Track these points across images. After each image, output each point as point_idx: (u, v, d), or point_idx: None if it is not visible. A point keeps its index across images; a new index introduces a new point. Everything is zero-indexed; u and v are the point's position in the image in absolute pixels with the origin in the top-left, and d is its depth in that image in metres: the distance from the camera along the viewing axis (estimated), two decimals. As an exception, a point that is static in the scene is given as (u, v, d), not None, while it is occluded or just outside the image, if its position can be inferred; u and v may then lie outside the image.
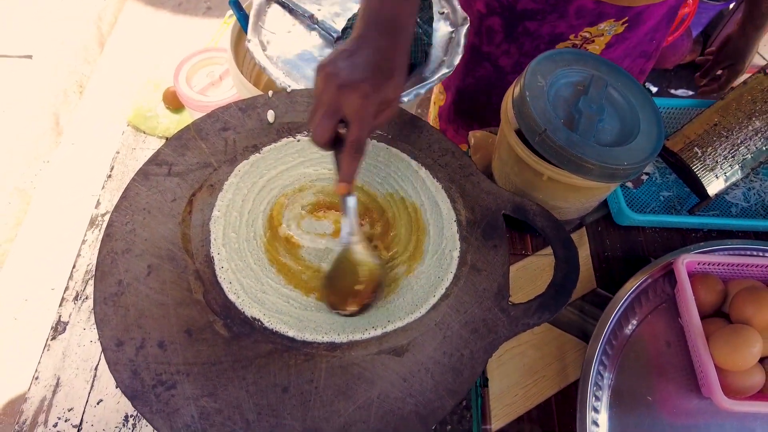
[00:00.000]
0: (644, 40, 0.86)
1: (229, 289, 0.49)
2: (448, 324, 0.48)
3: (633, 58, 0.89)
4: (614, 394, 0.62)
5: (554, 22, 0.79)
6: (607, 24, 0.78)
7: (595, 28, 0.79)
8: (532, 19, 0.80)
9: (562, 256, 0.50)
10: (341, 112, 0.45)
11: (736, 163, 0.74)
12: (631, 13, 0.77)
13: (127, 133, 1.71)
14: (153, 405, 0.43)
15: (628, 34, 0.81)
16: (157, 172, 0.55)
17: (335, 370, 0.45)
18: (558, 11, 0.77)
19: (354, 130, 0.45)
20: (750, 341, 0.58)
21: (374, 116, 0.46)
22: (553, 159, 0.56)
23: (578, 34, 0.80)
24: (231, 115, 0.59)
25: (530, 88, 0.58)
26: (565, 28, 0.80)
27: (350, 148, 0.45)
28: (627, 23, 0.79)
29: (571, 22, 0.79)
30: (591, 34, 0.80)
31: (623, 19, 0.78)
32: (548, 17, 0.79)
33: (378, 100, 0.45)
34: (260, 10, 0.74)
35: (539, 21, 0.80)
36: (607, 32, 0.80)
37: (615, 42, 0.82)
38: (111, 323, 0.46)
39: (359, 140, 0.45)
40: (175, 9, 2.17)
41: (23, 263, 1.52)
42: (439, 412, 0.44)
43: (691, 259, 0.65)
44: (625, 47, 0.84)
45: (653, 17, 0.80)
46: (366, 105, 0.44)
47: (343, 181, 0.47)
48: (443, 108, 1.07)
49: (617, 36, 0.81)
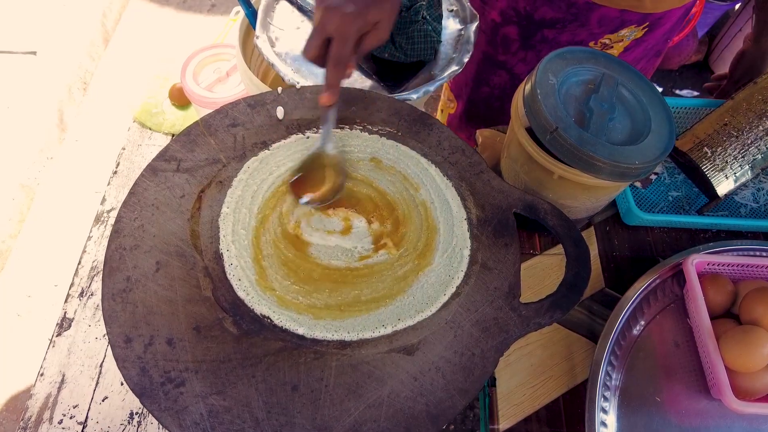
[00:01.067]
0: (660, 41, 0.85)
1: (239, 287, 0.49)
2: (458, 323, 0.48)
3: (648, 58, 0.89)
4: (623, 394, 0.62)
5: (574, 30, 0.78)
6: (628, 30, 0.78)
7: (615, 34, 0.78)
8: (551, 28, 0.79)
9: (573, 255, 0.50)
10: (326, 30, 0.50)
11: (746, 164, 0.73)
12: (652, 19, 0.76)
13: (133, 129, 1.71)
14: (162, 403, 0.43)
15: (647, 37, 0.80)
16: (166, 168, 0.55)
17: (345, 368, 0.45)
18: (579, 20, 0.77)
19: (335, 46, 0.51)
20: (761, 342, 0.57)
21: (355, 35, 0.51)
22: (564, 157, 0.55)
23: (598, 41, 0.80)
24: (240, 111, 0.59)
25: (541, 85, 0.57)
26: (586, 36, 0.79)
27: (330, 61, 0.51)
28: (647, 28, 0.78)
29: (592, 30, 0.78)
30: (611, 41, 0.80)
31: (644, 24, 0.77)
32: (568, 26, 0.78)
33: (359, 22, 0.50)
34: (269, 7, 0.73)
35: (558, 29, 0.79)
36: (627, 38, 0.79)
37: (633, 45, 0.81)
38: (119, 320, 0.46)
39: (338, 54, 0.51)
40: (180, 6, 2.16)
41: (27, 260, 1.52)
42: (450, 412, 0.43)
43: (701, 259, 0.65)
44: (642, 49, 0.84)
45: (671, 20, 0.79)
46: (346, 24, 0.50)
47: (325, 90, 0.53)
48: (453, 116, 1.06)
49: (636, 40, 0.80)
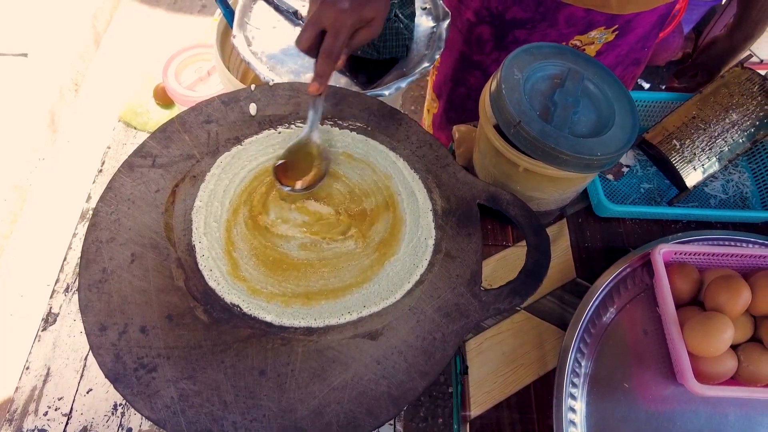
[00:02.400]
0: (636, 48, 0.86)
1: (210, 276, 0.50)
2: (421, 309, 0.49)
3: (625, 66, 0.89)
4: (592, 381, 0.64)
5: (544, 30, 0.79)
6: (598, 32, 0.78)
7: (585, 36, 0.79)
8: (522, 28, 0.80)
9: (533, 244, 0.52)
10: (321, 23, 0.53)
11: (713, 156, 0.75)
12: (621, 21, 0.77)
13: (118, 128, 1.74)
14: (134, 387, 0.45)
15: (619, 41, 0.81)
16: (142, 164, 0.57)
17: (311, 353, 0.47)
18: (548, 20, 0.78)
19: (329, 38, 0.53)
20: (721, 328, 0.59)
21: (349, 29, 0.53)
22: (528, 150, 0.57)
23: (569, 42, 0.81)
24: (214, 108, 0.61)
25: (506, 80, 0.59)
26: (556, 37, 0.80)
27: (323, 53, 0.53)
28: (617, 31, 0.79)
29: (561, 31, 0.79)
30: (582, 42, 0.81)
31: (613, 27, 0.78)
32: (538, 26, 0.79)
33: (354, 17, 0.53)
34: (246, 7, 0.75)
35: (529, 30, 0.80)
36: (598, 40, 0.80)
37: (606, 50, 0.82)
38: (95, 309, 0.48)
39: (332, 47, 0.53)
40: (171, 7, 2.18)
41: (19, 260, 1.54)
42: (411, 393, 0.45)
43: (668, 248, 0.67)
44: (616, 55, 0.84)
45: (643, 25, 0.80)
46: (341, 18, 0.52)
47: (314, 80, 0.55)
48: (436, 116, 1.08)
49: (608, 44, 0.81)
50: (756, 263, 0.67)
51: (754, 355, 0.61)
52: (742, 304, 0.61)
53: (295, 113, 0.62)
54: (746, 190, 0.80)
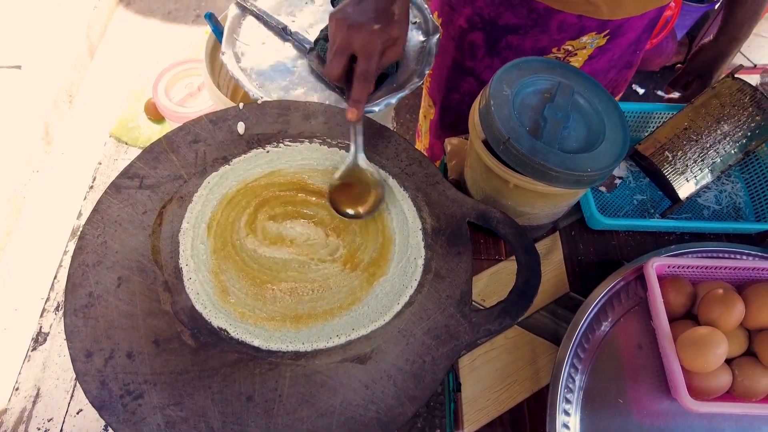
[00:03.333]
0: (628, 51, 0.86)
1: (197, 300, 0.50)
2: (411, 331, 0.49)
3: (618, 69, 0.89)
4: (586, 396, 0.63)
5: (537, 36, 0.79)
6: (589, 37, 0.79)
7: (577, 41, 0.79)
8: (515, 34, 0.81)
9: (523, 262, 0.51)
10: (351, 48, 0.53)
11: (706, 167, 0.75)
12: (612, 26, 0.77)
13: (109, 144, 1.74)
14: (120, 415, 0.44)
15: (610, 45, 0.81)
16: (129, 185, 0.56)
17: (299, 378, 0.46)
18: (540, 26, 0.78)
19: (362, 62, 0.54)
20: (715, 343, 0.59)
21: (380, 52, 0.54)
22: (517, 167, 0.57)
23: (561, 48, 0.81)
24: (202, 128, 0.60)
25: (495, 96, 0.59)
26: (548, 42, 0.80)
27: (359, 77, 0.54)
28: (608, 35, 0.79)
29: (553, 36, 0.79)
30: (573, 48, 0.81)
31: (604, 32, 0.78)
32: (530, 32, 0.79)
33: (384, 38, 0.53)
34: (235, 23, 0.75)
35: (521, 35, 0.80)
36: (590, 45, 0.80)
37: (597, 54, 0.82)
38: (81, 335, 0.47)
39: (367, 71, 0.54)
40: (165, 17, 2.18)
41: (13, 273, 1.53)
42: (401, 419, 0.44)
43: (661, 262, 0.66)
44: (608, 58, 0.85)
45: (634, 29, 0.80)
46: (372, 41, 0.53)
47: (352, 106, 0.54)
48: (433, 122, 1.08)
49: (599, 48, 0.81)
50: (750, 275, 0.67)
51: (748, 369, 0.61)
52: (736, 318, 0.61)
53: (284, 131, 0.61)
54: (739, 201, 0.80)
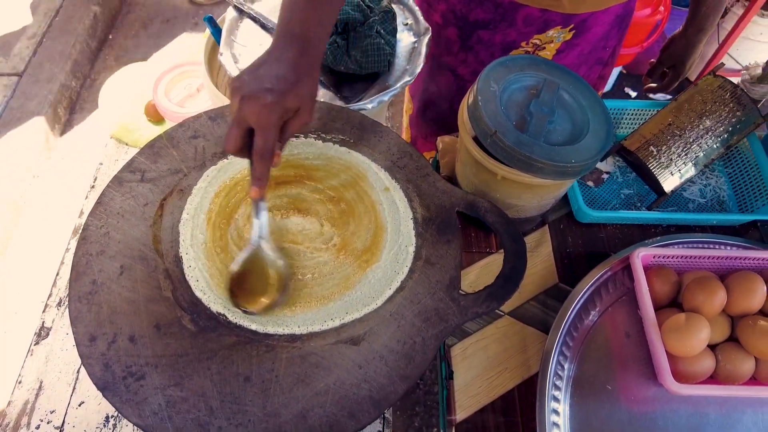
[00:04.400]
0: (597, 47, 0.90)
1: (196, 287, 0.52)
2: (402, 314, 0.51)
3: (590, 65, 0.93)
4: (575, 383, 0.65)
5: (505, 30, 0.83)
6: (555, 31, 0.83)
7: (543, 35, 0.83)
8: (485, 29, 0.84)
9: (510, 249, 0.54)
10: (246, 122, 0.48)
11: (689, 161, 0.77)
12: (577, 21, 0.81)
13: (110, 145, 1.77)
14: (123, 395, 0.46)
15: (577, 40, 0.85)
16: (131, 179, 0.59)
17: (294, 359, 0.48)
18: (507, 20, 0.82)
19: (258, 139, 0.48)
20: (698, 328, 0.61)
21: (277, 124, 0.48)
22: (504, 159, 0.59)
23: (529, 41, 0.85)
24: (201, 124, 0.62)
25: (483, 93, 0.61)
26: (516, 36, 0.84)
27: (256, 155, 0.48)
28: (574, 30, 0.83)
29: (520, 30, 0.83)
30: (541, 41, 0.84)
31: (569, 26, 0.82)
32: (499, 26, 0.83)
33: (280, 109, 0.48)
34: (233, 25, 0.78)
35: (491, 30, 0.84)
36: (556, 39, 0.84)
37: (565, 48, 0.86)
38: (84, 320, 0.49)
39: (263, 147, 0.48)
40: (164, 24, 2.21)
41: (13, 276, 1.55)
42: (392, 396, 0.46)
43: (647, 252, 0.68)
44: (577, 54, 0.88)
45: (600, 24, 0.84)
46: (265, 113, 0.47)
47: (255, 184, 0.50)
48: (412, 116, 1.11)
49: (566, 42, 0.85)
50: (732, 264, 0.69)
51: (731, 354, 0.62)
52: (718, 305, 0.63)
53: (280, 127, 0.64)
54: (723, 194, 0.82)
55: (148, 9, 2.27)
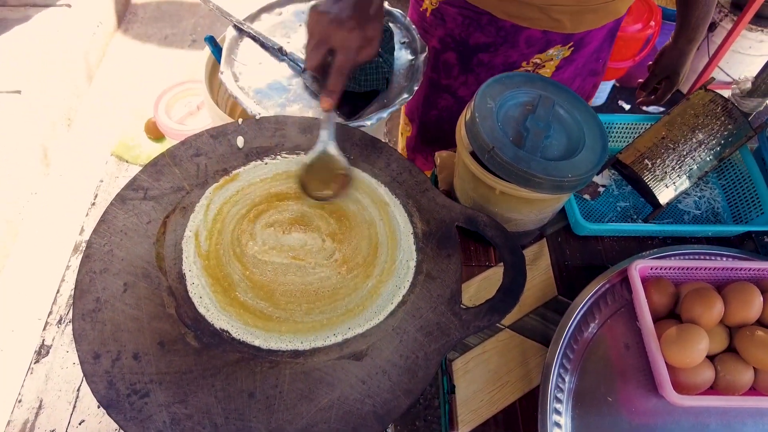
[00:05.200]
0: (591, 60, 0.92)
1: (200, 303, 0.52)
2: (404, 329, 0.51)
3: (584, 77, 0.95)
4: (576, 396, 0.65)
5: (506, 52, 0.85)
6: (555, 50, 0.85)
7: (544, 54, 0.85)
8: (485, 52, 0.86)
9: (510, 262, 0.54)
10: (330, 42, 0.56)
11: (683, 173, 0.79)
12: (576, 39, 0.83)
13: (111, 162, 1.78)
14: (127, 413, 0.46)
15: (575, 56, 0.87)
16: (134, 197, 0.59)
17: (298, 375, 0.49)
18: (509, 42, 0.83)
19: (340, 57, 0.56)
20: (696, 339, 0.61)
21: (357, 49, 0.56)
22: (502, 174, 0.60)
23: (530, 61, 0.86)
24: (203, 142, 0.63)
25: (480, 109, 0.62)
26: (517, 57, 0.86)
27: (336, 70, 0.56)
28: (573, 47, 0.85)
29: (522, 51, 0.85)
30: (541, 60, 0.86)
31: (569, 44, 0.84)
32: (500, 48, 0.85)
33: (361, 36, 0.56)
34: (233, 44, 0.79)
35: (492, 53, 0.86)
36: (556, 57, 0.86)
37: (564, 65, 0.88)
38: (88, 338, 0.50)
39: (343, 65, 0.56)
40: (161, 42, 2.23)
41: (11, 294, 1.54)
42: (396, 411, 0.47)
43: (644, 264, 0.69)
44: (573, 68, 0.90)
45: (595, 39, 0.86)
46: (351, 37, 0.55)
47: (327, 96, 0.57)
48: (410, 138, 1.12)
49: (565, 59, 0.87)
50: (728, 275, 0.70)
51: (730, 364, 0.63)
52: (715, 316, 0.64)
53: (281, 145, 0.65)
54: (717, 206, 0.83)
55: (147, 26, 2.30)
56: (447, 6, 0.84)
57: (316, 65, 0.57)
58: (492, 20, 0.81)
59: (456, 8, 0.83)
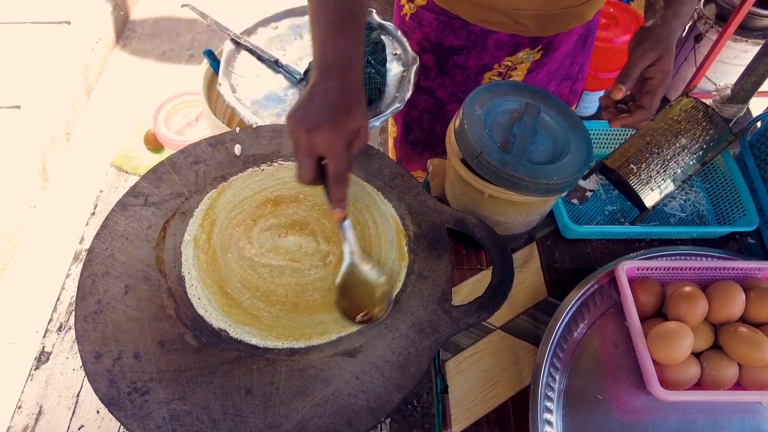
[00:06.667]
0: (564, 64, 0.96)
1: (198, 305, 0.54)
2: (396, 326, 0.53)
3: (559, 80, 0.99)
4: (566, 394, 0.67)
5: (478, 54, 0.89)
6: (524, 53, 0.89)
7: (514, 57, 0.89)
8: (459, 54, 0.90)
9: (498, 262, 0.56)
10: (317, 151, 0.51)
11: (668, 177, 0.81)
12: (543, 42, 0.87)
13: (110, 173, 1.80)
14: (128, 410, 0.48)
15: (546, 59, 0.91)
16: (135, 203, 0.61)
17: (294, 372, 0.50)
18: (480, 45, 0.88)
19: (333, 163, 0.51)
20: (681, 335, 0.63)
21: (346, 148, 0.52)
22: (490, 178, 0.62)
23: (501, 63, 0.91)
24: (202, 150, 0.66)
25: (468, 117, 0.65)
26: (489, 59, 0.90)
27: (333, 179, 0.52)
28: (542, 50, 0.89)
29: (492, 54, 0.89)
30: (512, 63, 0.90)
31: (537, 47, 0.88)
32: (472, 51, 0.89)
33: (344, 133, 0.52)
34: (230, 57, 0.82)
35: (465, 55, 0.89)
36: (526, 59, 0.90)
37: (535, 68, 0.92)
38: (90, 338, 0.51)
39: (339, 171, 0.52)
40: (160, 57, 2.27)
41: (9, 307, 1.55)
42: (388, 406, 0.48)
43: (631, 265, 0.71)
44: (546, 71, 0.94)
45: (565, 44, 0.90)
46: (335, 140, 0.51)
47: (336, 206, 0.53)
48: (396, 139, 1.17)
49: (536, 62, 0.91)
50: (712, 275, 0.72)
51: (715, 361, 0.65)
52: (700, 313, 0.66)
53: (277, 152, 0.67)
54: (702, 209, 0.86)
55: (145, 41, 2.33)
56: (424, 11, 0.88)
57: (311, 179, 0.52)
58: (463, 24, 0.85)
59: (432, 13, 0.87)
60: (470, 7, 0.83)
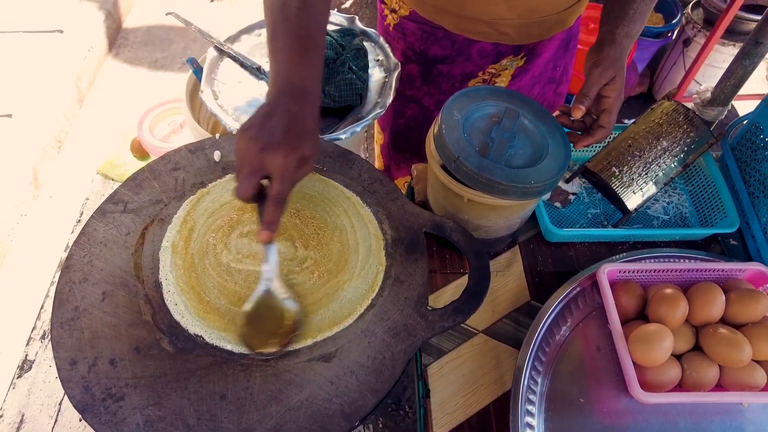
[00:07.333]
0: (547, 69, 0.97)
1: (175, 310, 0.54)
2: (372, 331, 0.53)
3: (543, 84, 1.00)
4: (549, 397, 0.67)
5: (462, 63, 0.90)
6: (508, 60, 0.89)
7: (498, 64, 0.90)
8: (443, 63, 0.91)
9: (474, 265, 0.56)
10: (264, 170, 0.50)
11: (650, 180, 0.81)
12: (526, 49, 0.88)
13: (97, 180, 1.81)
14: (102, 416, 0.48)
15: (529, 65, 0.92)
16: (114, 210, 0.61)
17: (269, 377, 0.50)
18: (463, 54, 0.88)
19: (277, 184, 0.51)
20: (661, 337, 0.63)
21: (295, 172, 0.51)
22: (468, 182, 0.63)
23: (485, 71, 0.91)
24: (181, 157, 0.66)
25: (446, 121, 0.65)
26: (473, 68, 0.90)
27: (274, 200, 0.51)
28: (525, 57, 0.90)
29: (476, 62, 0.89)
30: (496, 70, 0.91)
31: (520, 54, 0.89)
32: (456, 60, 0.89)
33: (297, 158, 0.51)
34: (213, 64, 0.82)
35: (449, 64, 0.90)
36: (510, 66, 0.91)
37: (519, 73, 0.93)
38: (66, 345, 0.51)
39: (282, 193, 0.51)
40: (152, 65, 2.28)
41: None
42: (363, 410, 0.48)
43: (612, 267, 0.71)
44: (530, 76, 0.95)
45: (548, 49, 0.91)
46: (286, 163, 0.50)
47: (266, 228, 0.52)
48: (383, 146, 1.17)
49: (519, 68, 0.92)
50: (693, 277, 0.72)
51: (695, 362, 0.65)
52: (680, 315, 0.66)
53: (257, 158, 0.67)
54: (685, 211, 0.86)
55: (137, 50, 2.34)
56: (407, 21, 0.89)
57: (250, 196, 0.51)
58: (446, 34, 0.86)
59: (415, 23, 0.88)
60: (453, 18, 0.84)
